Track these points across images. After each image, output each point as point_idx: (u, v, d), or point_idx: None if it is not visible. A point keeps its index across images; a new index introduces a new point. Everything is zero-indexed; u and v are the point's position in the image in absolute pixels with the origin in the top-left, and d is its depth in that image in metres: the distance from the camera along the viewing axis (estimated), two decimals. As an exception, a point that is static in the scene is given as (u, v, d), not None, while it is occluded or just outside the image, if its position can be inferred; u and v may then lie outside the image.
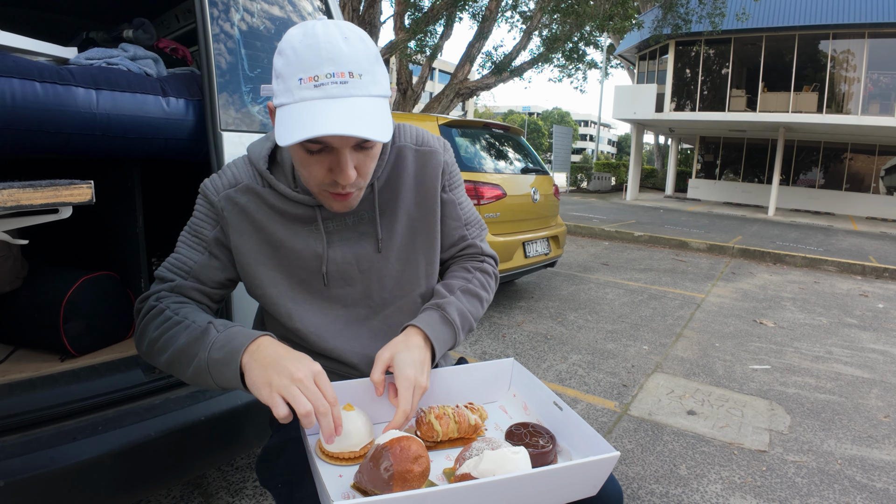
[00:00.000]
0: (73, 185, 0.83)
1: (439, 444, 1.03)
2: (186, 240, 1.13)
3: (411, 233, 1.17)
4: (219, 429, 1.68)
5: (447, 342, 1.11)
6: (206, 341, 0.95)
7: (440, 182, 1.19)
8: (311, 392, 0.86)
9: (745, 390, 3.47)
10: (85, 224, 2.28)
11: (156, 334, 1.01)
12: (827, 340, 4.65)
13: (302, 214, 1.09)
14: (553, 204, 5.40)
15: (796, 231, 12.54)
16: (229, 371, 0.92)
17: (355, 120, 0.86)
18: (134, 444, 1.50)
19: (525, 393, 1.16)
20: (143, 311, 1.07)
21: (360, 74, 0.89)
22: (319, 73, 0.87)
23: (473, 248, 1.28)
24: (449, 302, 1.13)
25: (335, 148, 0.92)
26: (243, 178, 1.10)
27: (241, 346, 0.92)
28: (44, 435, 1.46)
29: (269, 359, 0.90)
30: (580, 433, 0.98)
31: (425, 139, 1.18)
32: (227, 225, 1.09)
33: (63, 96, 1.44)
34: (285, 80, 0.89)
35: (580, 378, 3.54)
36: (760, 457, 2.67)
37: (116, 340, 1.95)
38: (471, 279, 1.22)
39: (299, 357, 0.90)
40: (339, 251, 1.11)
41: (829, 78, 16.02)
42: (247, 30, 1.87)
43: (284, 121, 0.89)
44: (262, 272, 1.10)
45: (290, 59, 0.88)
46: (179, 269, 1.11)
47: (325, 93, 0.87)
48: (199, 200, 1.12)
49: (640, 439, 2.79)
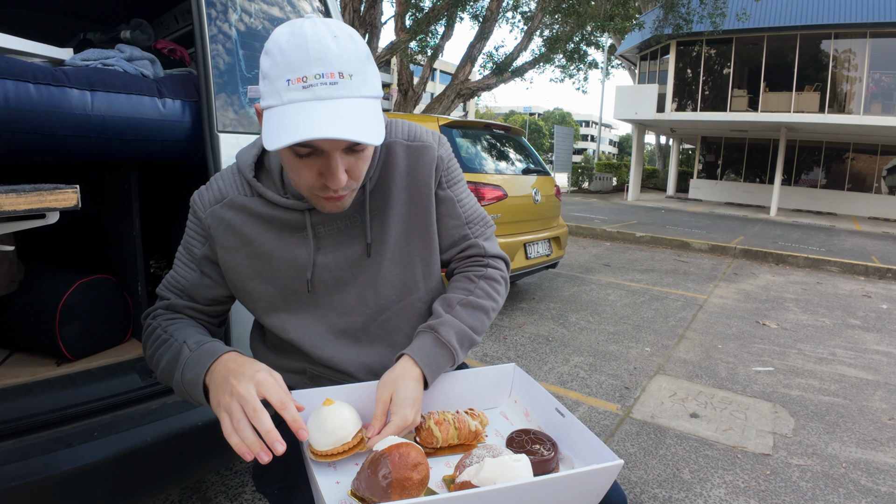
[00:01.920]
0: (58, 189, 0.81)
1: (439, 451, 1.01)
2: (181, 256, 1.13)
3: (405, 234, 1.12)
4: (216, 433, 1.65)
5: (443, 366, 1.07)
6: (180, 361, 0.96)
7: (434, 178, 1.12)
8: (237, 420, 0.83)
9: (748, 393, 3.44)
10: (82, 227, 2.26)
11: (150, 352, 1.05)
12: (830, 342, 4.62)
13: (291, 220, 1.06)
14: (554, 205, 5.37)
15: (798, 231, 12.50)
16: (198, 392, 0.92)
17: (346, 122, 0.83)
18: (130, 450, 1.49)
19: (526, 399, 1.14)
20: (144, 328, 1.09)
21: (350, 75, 0.85)
22: (308, 74, 0.83)
23: (475, 249, 1.20)
24: (443, 322, 1.09)
25: (325, 151, 0.89)
26: (229, 192, 1.07)
27: (204, 368, 0.92)
28: (39, 441, 1.44)
29: (219, 378, 0.89)
30: (582, 441, 0.96)
31: (417, 134, 1.13)
32: (215, 242, 1.07)
33: (57, 98, 1.42)
34: (272, 81, 0.86)
35: (582, 380, 3.51)
36: (764, 460, 2.64)
37: (113, 344, 1.93)
38: (473, 289, 1.16)
39: (243, 369, 0.88)
40: (332, 256, 1.08)
41: (830, 78, 15.98)
42: (244, 30, 1.85)
43: (272, 124, 0.86)
44: (252, 286, 1.08)
45: (277, 60, 0.85)
46: (174, 287, 1.12)
47: (314, 94, 0.84)
48: (190, 215, 1.11)
49: (643, 443, 2.76)
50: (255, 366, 0.89)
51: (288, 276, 1.08)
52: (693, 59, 18.43)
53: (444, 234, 1.18)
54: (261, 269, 1.07)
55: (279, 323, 1.10)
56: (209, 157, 1.66)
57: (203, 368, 0.92)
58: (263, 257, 1.07)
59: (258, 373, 0.87)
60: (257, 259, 1.07)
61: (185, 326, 1.05)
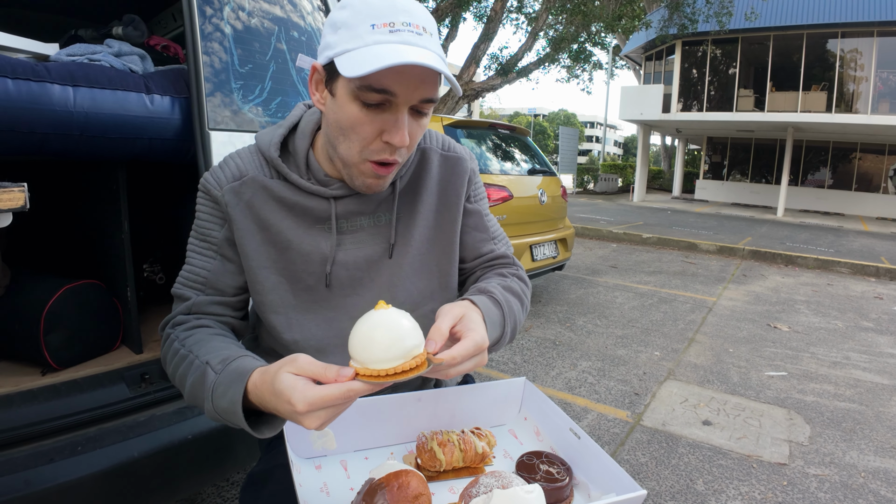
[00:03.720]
0: (3, 188, 0.72)
1: (442, 475, 0.92)
2: (195, 246, 1.02)
3: (428, 241, 1.07)
4: (208, 447, 1.58)
5: (496, 327, 0.94)
6: (206, 386, 0.84)
7: (466, 191, 1.11)
8: (312, 419, 0.72)
9: (761, 398, 3.34)
10: (70, 230, 2.19)
11: (171, 370, 0.95)
12: (844, 345, 4.51)
13: (315, 209, 0.99)
14: (561, 206, 5.28)
15: (806, 232, 12.37)
16: (238, 421, 0.80)
17: (438, 65, 0.81)
18: (116, 466, 1.41)
19: (538, 416, 1.04)
20: (163, 341, 0.99)
21: (431, 33, 0.85)
22: (395, 20, 0.82)
23: (506, 259, 1.16)
24: (492, 289, 0.99)
25: (396, 104, 0.85)
26: (249, 170, 0.99)
27: (238, 396, 0.79)
28: (19, 455, 1.37)
29: (266, 398, 0.77)
30: (599, 465, 0.87)
31: (451, 145, 1.12)
32: (232, 222, 0.98)
33: (37, 93, 1.34)
34: (352, 27, 0.83)
35: (590, 386, 3.42)
36: (781, 470, 2.55)
37: (101, 353, 1.84)
38: (509, 282, 1.07)
39: (278, 396, 0.74)
40: (351, 254, 1.01)
41: (837, 77, 15.86)
42: (237, 22, 1.76)
43: (353, 60, 0.81)
44: (264, 276, 1.00)
45: (359, 9, 0.83)
46: (194, 282, 1.01)
47: (402, 38, 0.82)
48: (201, 198, 1.01)
49: (654, 452, 2.67)
50: (275, 376, 0.76)
51: (303, 270, 1.00)
52: (699, 59, 18.32)
53: (470, 246, 1.14)
54: (275, 257, 0.99)
55: (284, 321, 1.02)
56: (200, 156, 1.58)
57: (237, 395, 0.79)
58: (279, 246, 0.99)
59: (286, 373, 0.74)
60: (272, 247, 0.99)
61: (206, 338, 0.94)
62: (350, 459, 0.96)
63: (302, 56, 1.08)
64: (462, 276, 1.18)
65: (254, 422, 0.81)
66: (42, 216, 2.29)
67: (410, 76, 0.82)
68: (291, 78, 1.94)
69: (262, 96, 1.82)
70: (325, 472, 0.92)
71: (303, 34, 2.03)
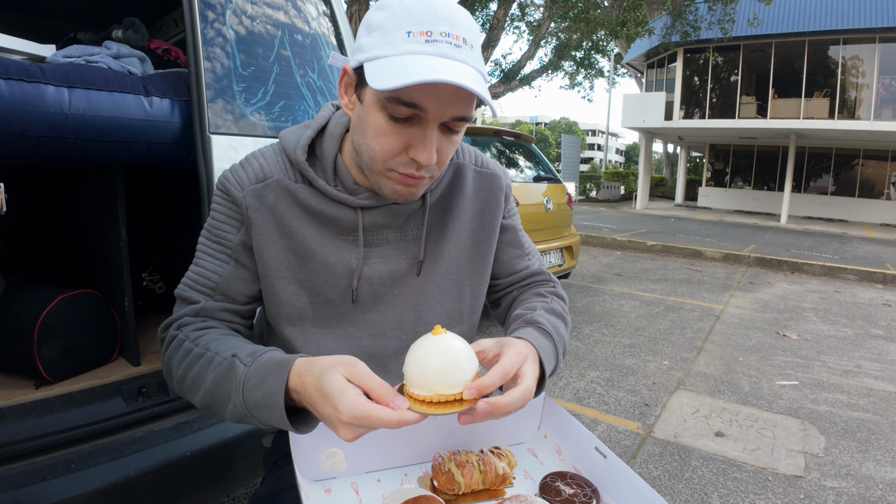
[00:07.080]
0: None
1: (461, 498, 0.86)
2: (207, 247, 0.95)
3: (458, 259, 1.02)
4: (207, 464, 1.51)
5: (550, 359, 0.89)
6: (236, 380, 0.77)
7: (503, 209, 1.07)
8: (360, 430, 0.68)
9: (774, 408, 3.27)
10: (66, 237, 2.13)
11: (181, 372, 0.86)
12: (854, 353, 4.44)
13: (341, 219, 0.93)
14: (566, 213, 5.22)
15: (810, 239, 12.29)
16: (275, 414, 0.73)
17: (473, 83, 0.73)
18: (111, 485, 1.35)
19: (559, 434, 0.98)
20: (166, 343, 0.92)
21: (472, 45, 0.78)
22: (433, 30, 0.76)
23: (542, 276, 1.11)
24: (539, 316, 0.94)
25: (426, 119, 0.79)
26: (273, 172, 0.93)
27: (281, 385, 0.73)
28: (10, 473, 1.31)
29: (312, 402, 0.71)
30: (630, 487, 0.80)
31: (485, 161, 1.08)
32: (252, 226, 0.91)
33: (30, 95, 1.28)
34: (387, 32, 0.77)
35: (599, 397, 3.35)
36: (797, 483, 2.47)
37: (98, 365, 1.78)
38: (551, 303, 1.02)
39: (325, 397, 0.68)
40: (375, 268, 0.95)
41: (839, 84, 15.83)
42: (239, 24, 1.71)
43: (383, 69, 0.75)
44: (282, 286, 0.93)
45: (397, 12, 0.77)
46: (203, 285, 0.94)
47: (438, 50, 0.75)
48: (219, 197, 0.94)
49: (667, 465, 2.59)
50: (333, 380, 0.69)
51: (325, 282, 0.94)
52: (701, 67, 18.30)
53: (505, 262, 1.10)
54: (296, 268, 0.93)
55: (300, 335, 0.95)
56: (200, 161, 1.52)
57: (277, 385, 0.73)
58: (301, 255, 0.93)
59: (337, 377, 0.69)
60: (294, 256, 0.93)
61: (220, 335, 0.88)
62: (361, 482, 0.89)
63: (335, 54, 1.03)
64: (495, 292, 1.13)
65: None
66: (36, 223, 2.24)
67: (443, 92, 0.77)
68: (296, 82, 1.89)
69: (265, 100, 1.76)
70: (336, 497, 0.86)
71: (307, 38, 1.98)
